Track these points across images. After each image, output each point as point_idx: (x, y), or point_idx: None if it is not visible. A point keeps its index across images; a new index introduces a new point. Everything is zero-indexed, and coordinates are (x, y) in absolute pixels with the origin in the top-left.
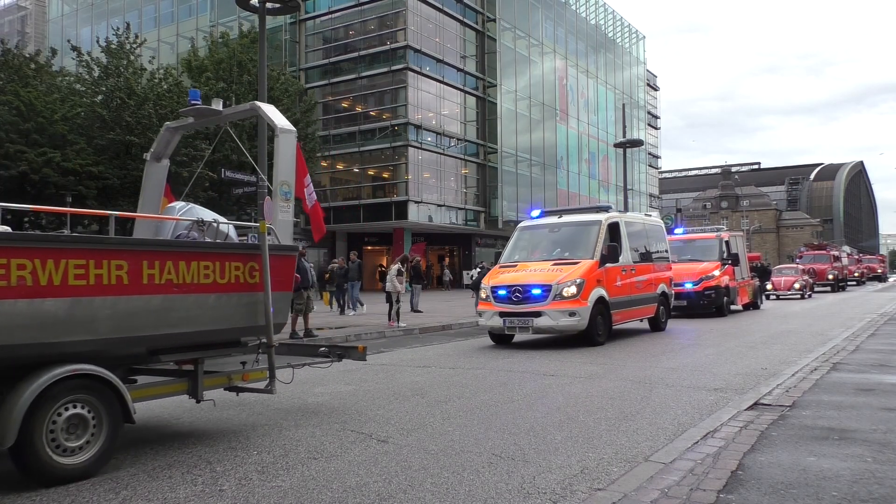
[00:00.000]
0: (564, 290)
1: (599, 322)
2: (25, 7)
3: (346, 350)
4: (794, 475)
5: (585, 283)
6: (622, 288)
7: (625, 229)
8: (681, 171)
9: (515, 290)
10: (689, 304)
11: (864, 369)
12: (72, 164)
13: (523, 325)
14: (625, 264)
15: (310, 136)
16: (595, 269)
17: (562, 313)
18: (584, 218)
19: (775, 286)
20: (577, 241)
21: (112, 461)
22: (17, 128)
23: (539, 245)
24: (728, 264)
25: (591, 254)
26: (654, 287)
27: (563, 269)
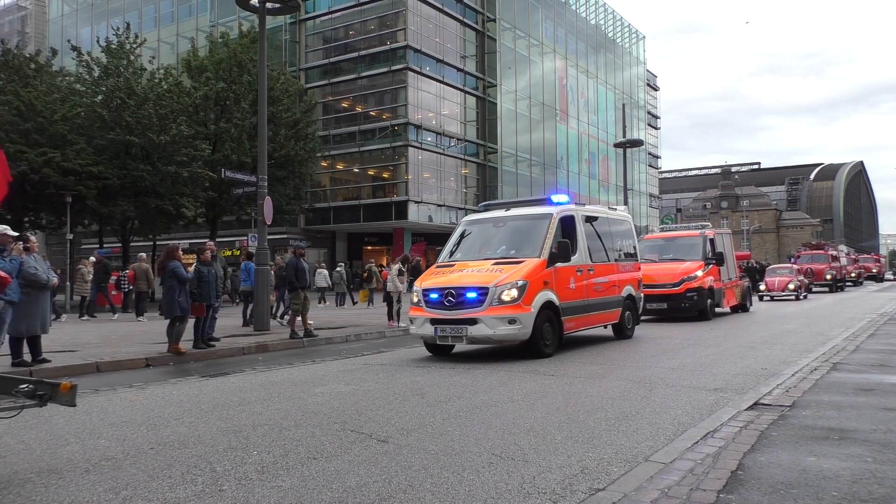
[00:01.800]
0: (503, 294)
1: (547, 330)
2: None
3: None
4: (794, 475)
5: (529, 286)
6: (577, 291)
7: (581, 224)
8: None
9: (448, 294)
10: (670, 307)
11: (864, 369)
12: (72, 164)
13: (456, 334)
14: (580, 264)
15: (310, 136)
16: (541, 270)
17: (500, 321)
18: (532, 211)
19: (769, 287)
20: (523, 237)
21: (112, 461)
22: (17, 128)
23: (482, 242)
24: (712, 264)
25: (539, 252)
26: (617, 289)
27: (504, 269)
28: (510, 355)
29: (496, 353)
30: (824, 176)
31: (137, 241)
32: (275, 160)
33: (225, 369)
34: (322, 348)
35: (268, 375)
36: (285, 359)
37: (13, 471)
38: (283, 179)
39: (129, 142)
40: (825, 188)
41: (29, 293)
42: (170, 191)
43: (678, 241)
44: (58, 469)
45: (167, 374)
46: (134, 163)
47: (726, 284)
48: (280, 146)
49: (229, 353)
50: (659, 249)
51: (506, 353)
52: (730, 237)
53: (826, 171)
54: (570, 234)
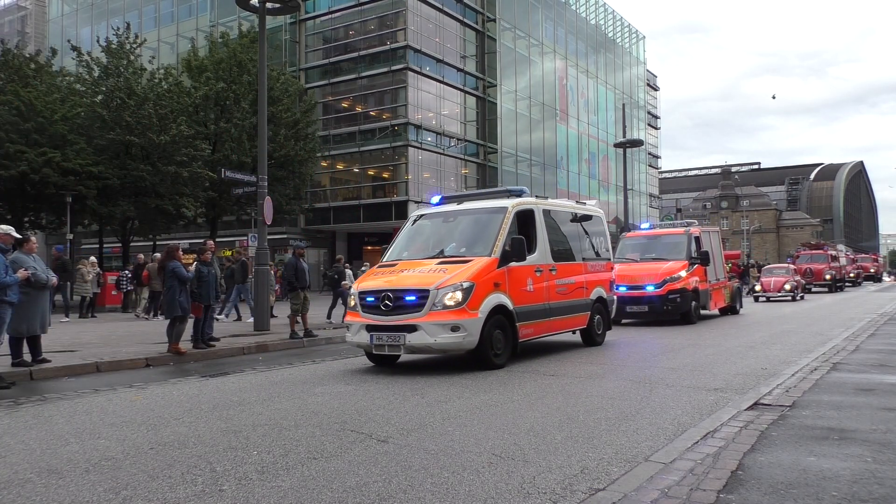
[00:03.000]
0: (446, 298)
1: (497, 338)
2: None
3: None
4: (794, 475)
5: (475, 288)
6: (535, 293)
7: (542, 219)
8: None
9: (385, 298)
10: (651, 310)
11: (864, 369)
12: (72, 164)
13: (393, 343)
14: (540, 263)
15: (310, 136)
16: (492, 270)
17: (441, 327)
18: (485, 205)
19: (764, 287)
20: (475, 233)
21: (112, 461)
22: (17, 128)
23: (431, 238)
24: (697, 264)
25: (490, 250)
26: (585, 292)
27: (449, 269)
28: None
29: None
30: (824, 176)
31: (137, 241)
32: (275, 160)
33: (225, 369)
34: (322, 348)
35: (268, 375)
36: (285, 359)
37: (13, 471)
38: (283, 179)
39: (129, 142)
40: (825, 188)
41: (29, 293)
42: (170, 191)
43: (661, 239)
44: (58, 469)
45: (167, 374)
46: (134, 163)
47: (713, 285)
48: (280, 146)
49: (229, 353)
50: (641, 248)
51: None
52: (718, 235)
53: (826, 171)
54: (529, 229)
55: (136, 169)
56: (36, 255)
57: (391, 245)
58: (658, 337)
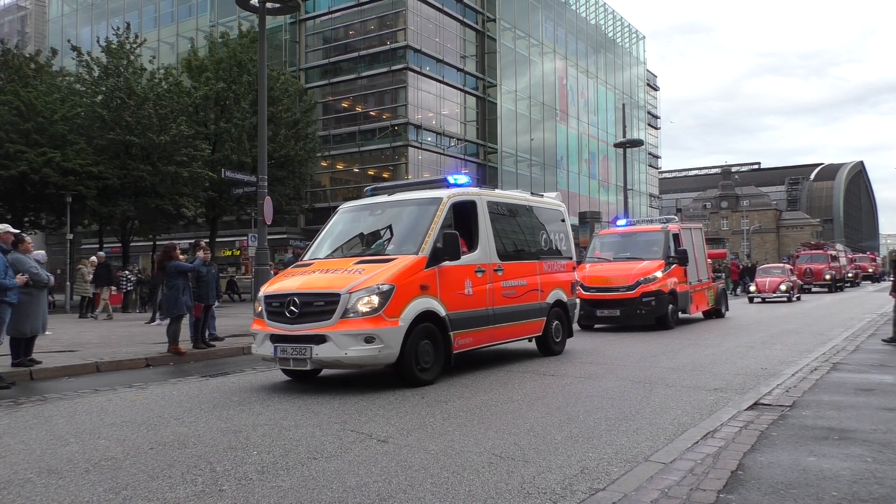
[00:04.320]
0: (359, 303)
1: (425, 350)
2: (25, 7)
3: None
4: (794, 475)
5: (396, 292)
6: (476, 297)
7: (486, 212)
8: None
9: (290, 303)
10: (623, 315)
11: (864, 369)
12: (72, 164)
13: (299, 356)
14: (483, 262)
15: (310, 136)
16: (418, 270)
17: (353, 338)
18: (418, 196)
19: (759, 288)
20: (402, 228)
21: (112, 461)
22: (17, 128)
23: (354, 234)
24: (675, 263)
25: (417, 247)
26: (540, 294)
27: (367, 269)
28: (511, 355)
29: (496, 353)
30: (824, 176)
31: (137, 241)
32: (275, 160)
33: (225, 369)
34: None
35: (268, 375)
36: None
37: (13, 471)
38: (283, 179)
39: (129, 142)
40: (825, 188)
41: (30, 293)
42: (170, 191)
43: (636, 236)
44: (58, 469)
45: (167, 374)
46: (134, 163)
47: (694, 287)
48: (280, 146)
49: (229, 353)
50: (615, 247)
51: (506, 352)
52: (700, 233)
53: (826, 171)
54: (470, 224)
55: (136, 169)
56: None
57: (313, 242)
58: (627, 343)
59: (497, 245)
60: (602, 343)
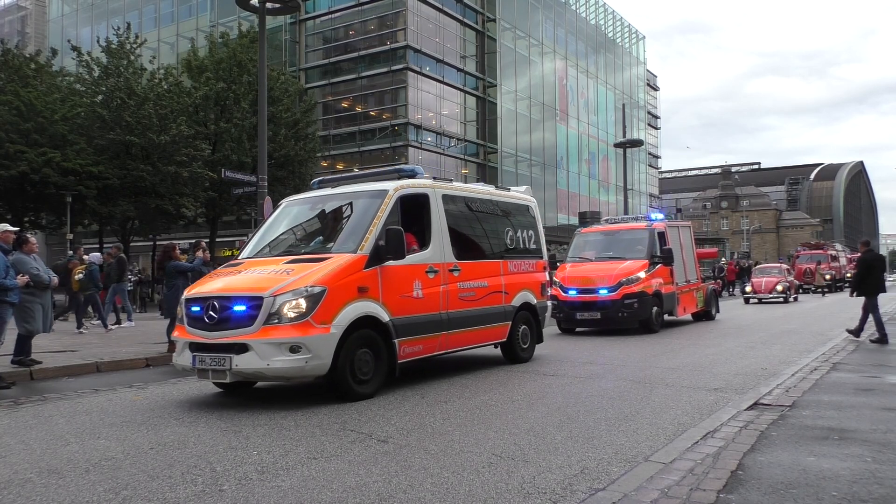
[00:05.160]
0: (285, 307)
1: (363, 360)
2: (25, 7)
3: None
4: (794, 475)
5: (328, 294)
6: (426, 300)
7: (440, 207)
8: (681, 171)
9: (210, 307)
10: (604, 317)
11: (864, 369)
12: (72, 164)
13: (218, 367)
14: (434, 261)
15: (310, 136)
16: (356, 270)
17: (276, 347)
18: (362, 188)
19: (755, 288)
20: (343, 223)
21: (112, 461)
22: (17, 128)
23: (293, 230)
24: (659, 263)
25: (357, 245)
26: (504, 297)
27: (297, 270)
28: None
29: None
30: (824, 176)
31: (137, 241)
32: (275, 160)
33: None
34: None
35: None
36: None
37: (13, 471)
38: (283, 179)
39: (129, 142)
40: (825, 188)
41: (34, 293)
42: (170, 191)
43: (619, 235)
44: (58, 469)
45: (167, 374)
46: (134, 163)
47: (681, 288)
48: (280, 146)
49: None
50: (597, 246)
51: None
52: (689, 231)
53: (826, 171)
54: (421, 219)
55: (136, 169)
56: (36, 255)
57: (249, 238)
58: (626, 343)
59: (454, 243)
60: (601, 343)
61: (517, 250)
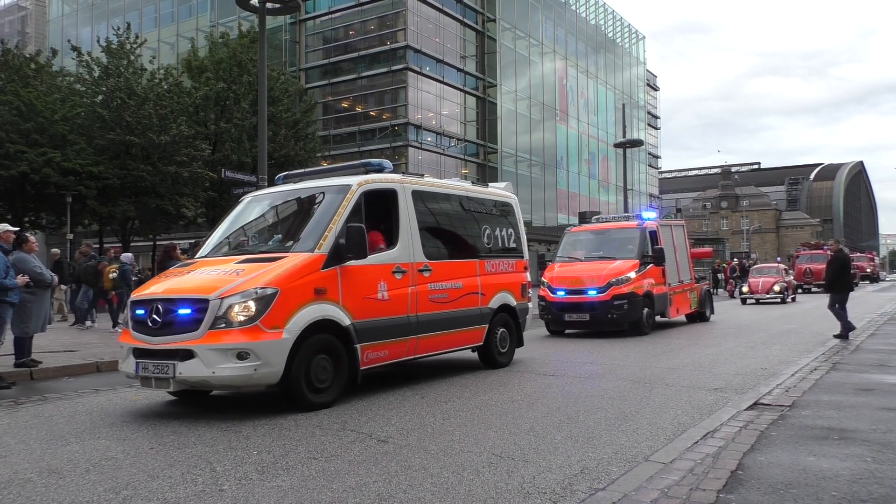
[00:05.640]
0: (232, 311)
1: (321, 367)
2: (25, 7)
3: None
4: (794, 475)
5: (280, 296)
6: (392, 302)
7: (409, 203)
8: (681, 171)
9: (154, 309)
10: (593, 319)
11: (864, 369)
12: (72, 164)
13: (161, 376)
14: (402, 261)
15: (310, 136)
16: (312, 271)
17: (222, 354)
18: (325, 184)
19: (752, 288)
20: (303, 220)
21: (112, 461)
22: (17, 128)
23: (253, 228)
24: (651, 263)
25: (315, 243)
26: (480, 299)
27: (249, 270)
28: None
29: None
30: (824, 176)
31: (137, 241)
32: (275, 160)
33: None
34: None
35: None
36: None
37: (13, 471)
38: None
39: (129, 142)
40: (825, 188)
41: (34, 292)
42: (170, 191)
43: (610, 234)
44: (58, 469)
45: None
46: (134, 163)
47: (674, 289)
48: (280, 146)
49: None
50: (587, 245)
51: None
52: (683, 230)
53: (826, 171)
54: (389, 216)
55: (137, 169)
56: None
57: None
58: (626, 344)
59: (424, 241)
60: (601, 343)
61: (495, 249)
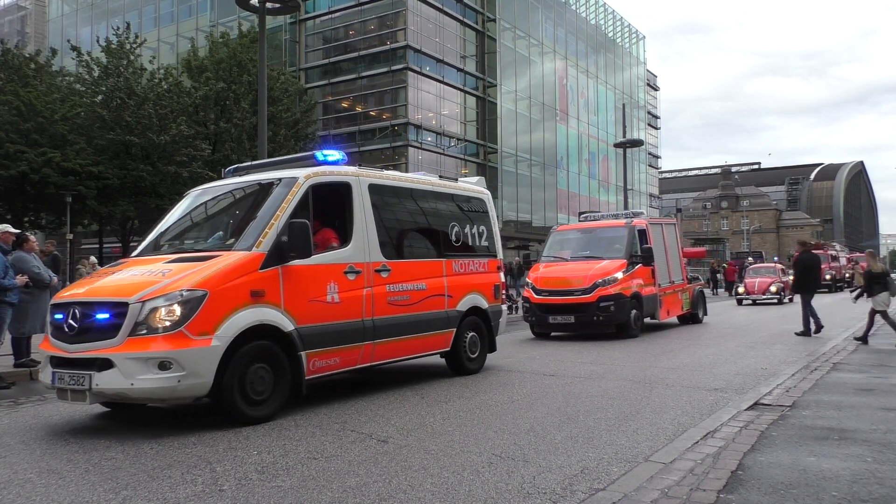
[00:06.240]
0: (154, 315)
1: (258, 377)
2: (25, 7)
3: None
4: (794, 475)
5: (209, 299)
6: (343, 306)
7: (366, 198)
8: (681, 171)
9: (72, 314)
10: (578, 321)
11: (864, 369)
12: (72, 164)
13: (77, 387)
14: (355, 261)
15: (310, 136)
16: (248, 271)
17: (143, 363)
18: (271, 176)
19: (748, 289)
20: (244, 217)
21: (112, 461)
22: (17, 128)
23: (189, 224)
24: (639, 263)
25: (254, 241)
26: (447, 301)
27: (177, 270)
28: (511, 356)
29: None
30: (824, 176)
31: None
32: None
33: None
34: None
35: None
36: None
37: (13, 471)
38: None
39: (129, 142)
40: (825, 188)
41: (32, 293)
42: (170, 191)
43: (597, 233)
44: (58, 469)
45: None
46: (134, 163)
47: (664, 289)
48: (280, 146)
49: None
50: (573, 245)
51: (504, 352)
52: (675, 229)
53: (826, 171)
54: (342, 211)
55: (136, 169)
56: (35, 254)
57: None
58: (625, 344)
59: (383, 239)
60: (600, 343)
61: (465, 248)
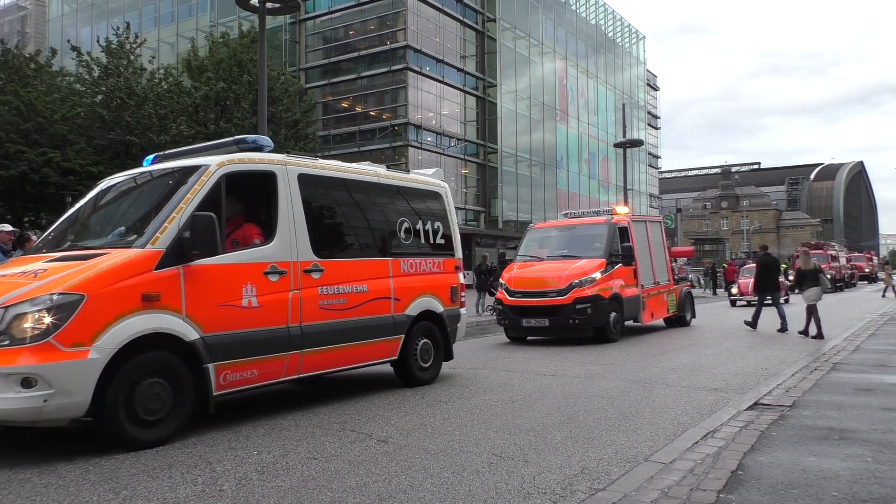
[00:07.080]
0: (17, 323)
1: (153, 394)
2: (25, 7)
3: None
4: (795, 475)
5: (87, 304)
6: (263, 311)
7: (295, 190)
8: (681, 171)
9: None
10: (553, 325)
11: (864, 369)
12: (72, 164)
13: None
14: (279, 260)
15: (310, 136)
16: (141, 271)
17: (3, 380)
18: (178, 164)
19: (742, 290)
20: (145, 209)
21: (112, 461)
22: (17, 128)
23: (88, 217)
24: (618, 263)
25: (150, 237)
26: (394, 304)
27: (53, 270)
28: (511, 356)
29: (494, 353)
30: (824, 176)
31: None
32: None
33: None
34: None
35: None
36: None
37: (13, 471)
38: None
39: (129, 142)
40: (825, 188)
41: None
42: None
43: (576, 231)
44: (58, 469)
45: None
46: (134, 163)
47: (648, 290)
48: (280, 146)
49: None
50: (550, 243)
51: (504, 352)
52: (660, 227)
53: (826, 171)
54: (268, 204)
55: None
56: None
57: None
58: (625, 344)
59: (315, 236)
60: (600, 344)
61: (416, 246)
